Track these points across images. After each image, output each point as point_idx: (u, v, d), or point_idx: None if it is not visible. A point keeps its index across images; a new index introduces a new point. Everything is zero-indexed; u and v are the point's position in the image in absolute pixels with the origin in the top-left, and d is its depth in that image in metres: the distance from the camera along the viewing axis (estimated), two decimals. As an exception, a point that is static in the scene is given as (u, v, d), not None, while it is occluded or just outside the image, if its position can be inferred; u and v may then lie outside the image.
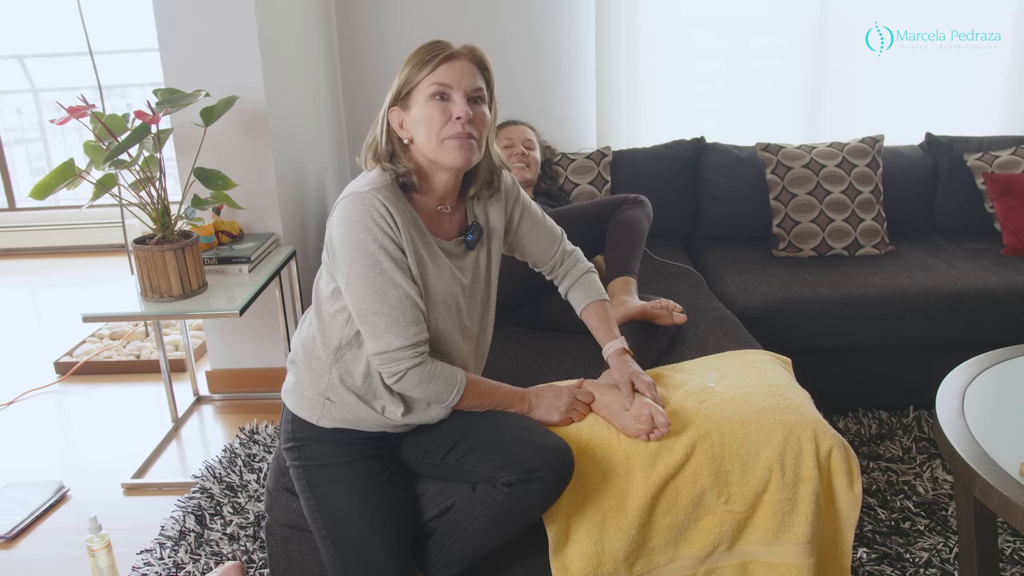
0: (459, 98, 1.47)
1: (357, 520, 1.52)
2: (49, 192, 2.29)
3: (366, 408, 1.55)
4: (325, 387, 1.56)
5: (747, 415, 1.64)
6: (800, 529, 1.58)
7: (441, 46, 1.49)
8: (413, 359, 1.47)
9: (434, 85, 1.46)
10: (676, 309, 2.03)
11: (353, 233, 1.44)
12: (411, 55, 1.50)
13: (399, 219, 1.46)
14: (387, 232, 1.44)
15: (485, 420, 1.58)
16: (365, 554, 1.52)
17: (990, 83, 3.32)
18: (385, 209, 1.44)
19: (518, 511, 1.49)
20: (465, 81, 1.48)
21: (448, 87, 1.47)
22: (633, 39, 3.30)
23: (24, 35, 5.14)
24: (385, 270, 1.44)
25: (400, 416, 1.56)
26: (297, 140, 3.02)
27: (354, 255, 1.44)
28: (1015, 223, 2.85)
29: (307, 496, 1.58)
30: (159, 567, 2.06)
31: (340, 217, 1.46)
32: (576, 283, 1.80)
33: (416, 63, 1.48)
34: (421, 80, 1.47)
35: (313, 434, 1.59)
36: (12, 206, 5.14)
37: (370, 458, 1.57)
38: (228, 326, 3.00)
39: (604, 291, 1.82)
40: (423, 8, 3.36)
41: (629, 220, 2.24)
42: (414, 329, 1.47)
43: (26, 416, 2.99)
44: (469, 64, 1.49)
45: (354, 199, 1.45)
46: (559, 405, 1.63)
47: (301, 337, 1.62)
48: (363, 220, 1.43)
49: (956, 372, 1.78)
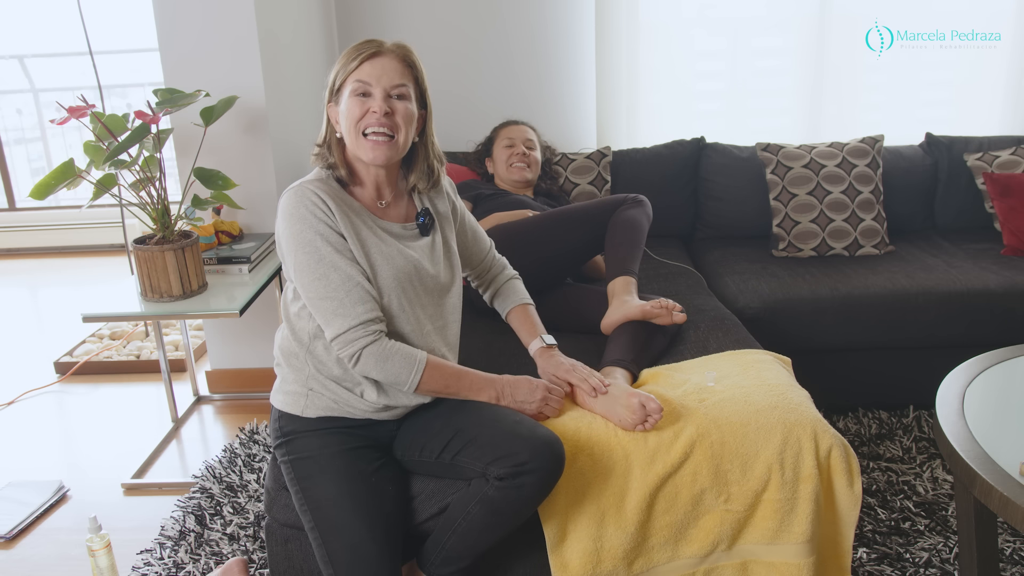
0: (378, 94, 1.54)
1: (342, 508, 1.52)
2: (49, 192, 2.29)
3: (347, 393, 1.59)
4: (307, 378, 1.60)
5: (747, 414, 1.64)
6: (800, 529, 1.58)
7: (368, 45, 1.56)
8: (365, 337, 1.50)
9: (356, 82, 1.54)
10: (676, 309, 2.03)
11: (290, 225, 1.52)
12: (343, 53, 1.58)
13: (333, 205, 1.53)
14: (321, 219, 1.51)
15: (476, 416, 1.59)
16: (351, 542, 1.51)
17: (990, 83, 3.32)
18: (318, 197, 1.52)
19: (510, 505, 1.49)
20: (386, 78, 1.54)
21: (368, 84, 1.54)
22: (633, 39, 3.30)
23: (24, 35, 5.14)
24: (324, 255, 1.50)
25: (376, 397, 1.58)
26: (297, 140, 3.02)
27: (294, 246, 1.52)
28: (1015, 223, 2.85)
29: (296, 489, 1.59)
30: (159, 567, 2.06)
31: (280, 213, 1.55)
32: (500, 289, 1.90)
33: (344, 60, 1.56)
34: (347, 77, 1.55)
35: (300, 426, 1.61)
36: (12, 206, 5.14)
37: (358, 449, 1.59)
38: (228, 326, 3.00)
39: (528, 296, 1.90)
40: (423, 8, 3.36)
41: (629, 220, 2.24)
42: (360, 308, 1.51)
43: (26, 416, 3.00)
44: (394, 62, 1.56)
45: (289, 194, 1.54)
46: (533, 399, 1.63)
47: (278, 342, 1.67)
48: (298, 211, 1.51)
49: (956, 372, 1.78)
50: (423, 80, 1.62)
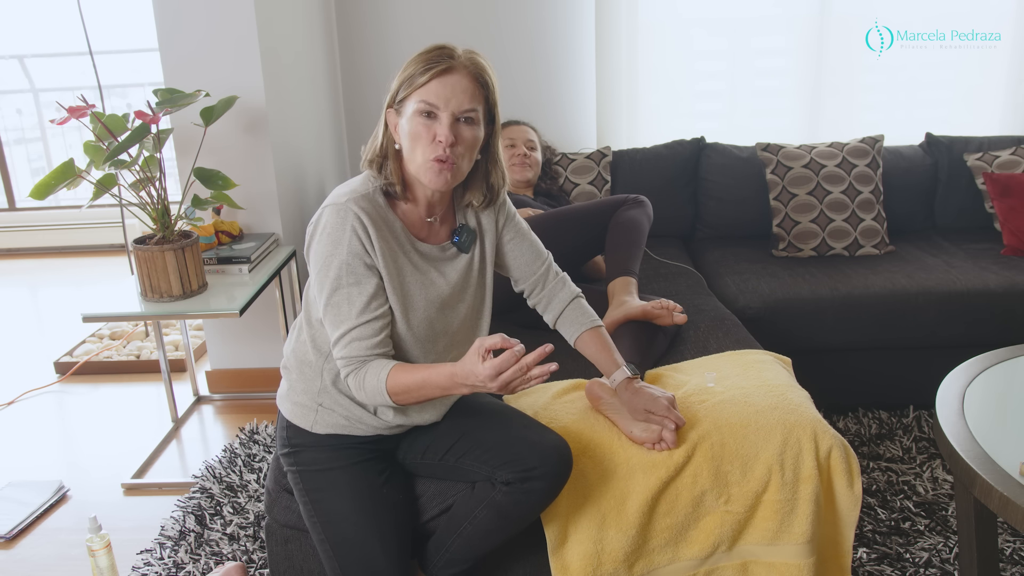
0: (445, 119, 1.41)
1: (355, 524, 1.52)
2: (49, 192, 2.29)
3: (360, 410, 1.54)
4: (318, 392, 1.56)
5: (747, 415, 1.64)
6: (800, 529, 1.58)
7: (439, 58, 1.42)
8: (347, 367, 1.45)
9: (422, 103, 1.42)
10: (676, 309, 2.03)
11: (323, 244, 1.43)
12: (412, 59, 1.45)
13: (374, 232, 1.43)
14: (356, 250, 1.42)
15: (483, 420, 1.58)
16: (364, 557, 1.51)
17: (990, 83, 3.32)
18: (359, 223, 1.42)
19: (517, 509, 1.49)
20: (455, 101, 1.41)
21: (436, 107, 1.41)
22: (633, 39, 3.30)
23: (24, 35, 5.14)
24: (342, 285, 1.43)
25: (393, 417, 1.54)
26: (297, 140, 3.02)
27: (321, 264, 1.44)
28: (1015, 223, 2.85)
29: (304, 500, 1.58)
30: (159, 567, 2.06)
31: (317, 225, 1.45)
32: (565, 309, 1.71)
33: (412, 72, 1.43)
34: (413, 92, 1.43)
35: (308, 440, 1.58)
36: (12, 206, 5.13)
37: (367, 461, 1.57)
38: (228, 326, 3.00)
39: (598, 318, 1.73)
40: (423, 8, 3.36)
41: (629, 220, 2.24)
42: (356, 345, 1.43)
43: (26, 416, 2.99)
44: (465, 79, 1.42)
45: (334, 210, 1.44)
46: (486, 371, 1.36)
47: (292, 343, 1.62)
48: (335, 233, 1.42)
49: (956, 372, 1.78)
50: (494, 97, 1.49)
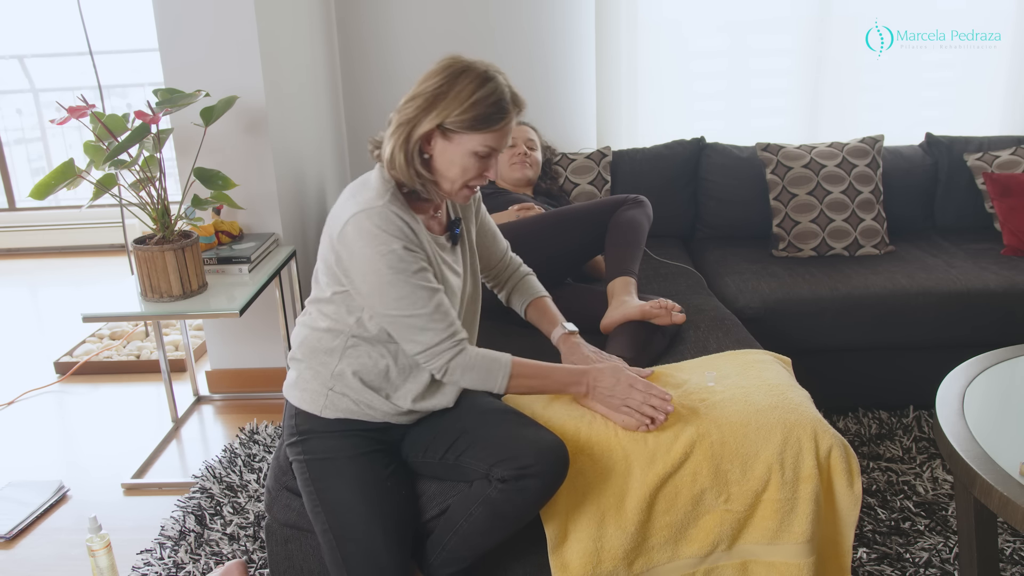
0: (494, 156, 1.54)
1: (359, 513, 1.53)
2: (49, 192, 2.29)
3: (371, 393, 1.57)
4: (330, 377, 1.58)
5: (747, 414, 1.64)
6: (800, 528, 1.58)
7: (504, 109, 1.49)
8: (451, 350, 1.51)
9: (485, 147, 1.50)
10: (675, 309, 2.03)
11: (375, 246, 1.46)
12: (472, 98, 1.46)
13: (412, 228, 1.51)
14: (407, 239, 1.48)
15: (481, 417, 1.59)
16: (367, 548, 1.52)
17: (990, 83, 3.32)
18: (401, 220, 1.49)
19: (512, 508, 1.49)
20: (505, 142, 1.54)
21: (495, 150, 1.53)
22: (633, 39, 3.30)
23: (24, 35, 5.14)
24: (411, 274, 1.48)
25: (410, 403, 1.58)
26: (297, 140, 3.02)
27: (379, 265, 1.46)
28: (1015, 223, 2.85)
29: (309, 490, 1.58)
30: (159, 567, 2.06)
31: (357, 232, 1.47)
32: (517, 286, 1.88)
33: (474, 117, 1.47)
34: (472, 134, 1.48)
35: (317, 426, 1.59)
36: (12, 206, 5.14)
37: (374, 452, 1.58)
38: (228, 326, 3.00)
39: (544, 290, 1.89)
40: (423, 8, 3.36)
41: (629, 220, 2.24)
42: (444, 323, 1.51)
43: (26, 416, 3.00)
44: (513, 121, 1.55)
45: (370, 214, 1.47)
46: (616, 391, 1.60)
47: (303, 333, 1.63)
48: (383, 233, 1.46)
49: (956, 372, 1.78)
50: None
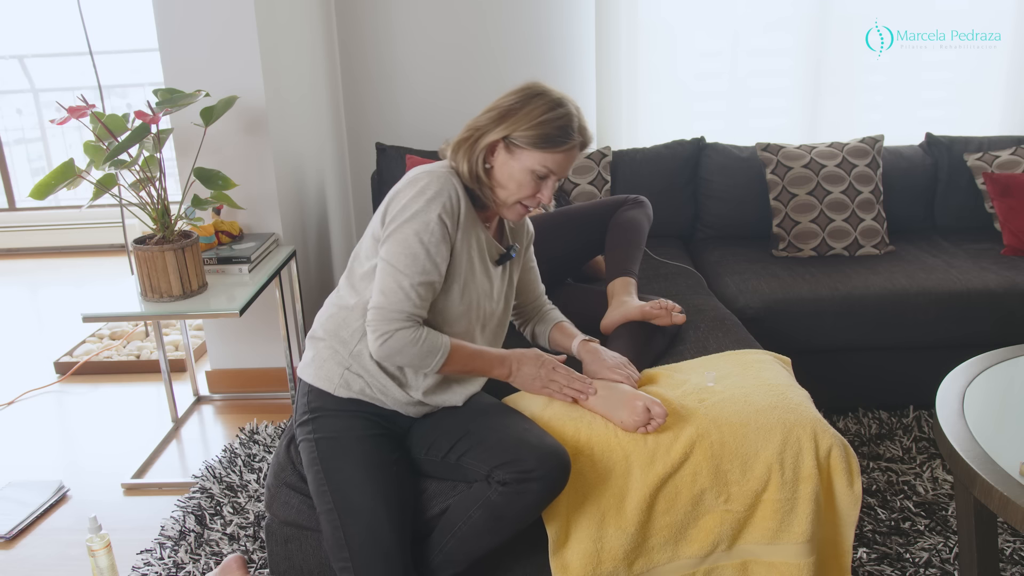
0: (552, 182, 1.59)
1: (365, 491, 1.53)
2: (49, 192, 2.29)
3: (385, 377, 1.59)
4: (348, 356, 1.60)
5: (746, 414, 1.64)
6: (800, 528, 1.58)
7: (568, 135, 1.55)
8: (404, 323, 1.52)
9: (543, 167, 1.56)
10: (675, 309, 2.03)
11: (417, 198, 1.52)
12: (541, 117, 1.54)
13: (463, 208, 1.57)
14: (449, 212, 1.53)
15: (485, 419, 1.59)
16: (371, 527, 1.52)
17: (990, 83, 3.32)
18: (456, 194, 1.55)
19: (511, 510, 1.49)
20: (563, 170, 1.59)
21: (552, 172, 1.57)
22: (633, 39, 3.30)
23: (24, 35, 5.14)
24: (430, 242, 1.51)
25: (420, 394, 1.60)
26: (297, 140, 3.02)
27: (411, 216, 1.52)
28: (1015, 223, 2.85)
29: (316, 469, 1.58)
30: (159, 567, 2.06)
31: (412, 183, 1.54)
32: (540, 318, 1.93)
33: (539, 135, 1.54)
34: (534, 151, 1.55)
35: (329, 404, 1.61)
36: (12, 206, 5.14)
37: (382, 436, 1.59)
38: (228, 326, 3.00)
39: (562, 315, 1.93)
40: (423, 8, 3.36)
41: (629, 221, 2.24)
42: (419, 302, 1.53)
43: (26, 416, 2.99)
44: (576, 152, 1.60)
45: (433, 174, 1.55)
46: (539, 374, 1.64)
47: (328, 311, 1.66)
48: (434, 194, 1.52)
49: (956, 372, 1.78)
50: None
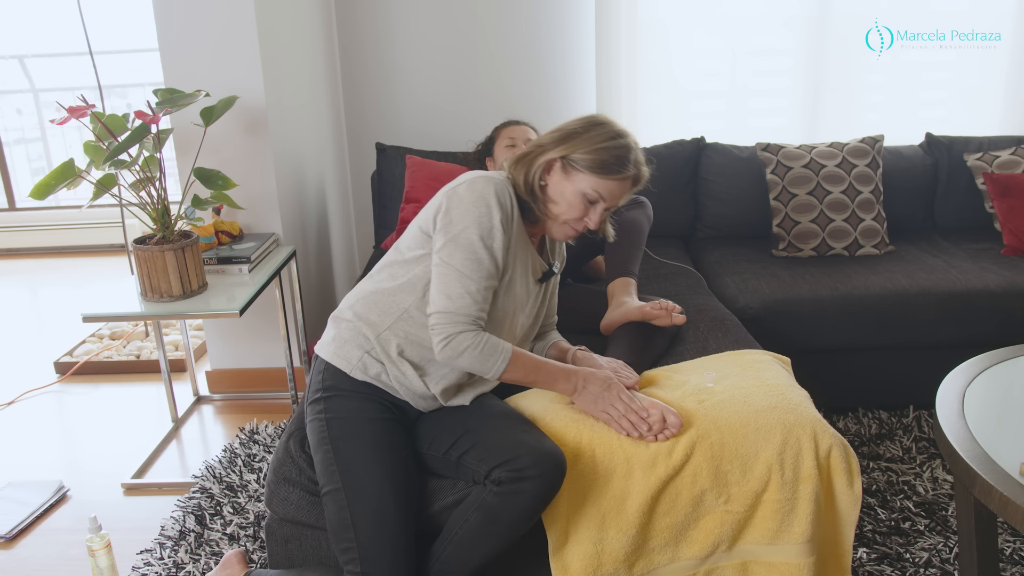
0: (601, 208, 1.62)
1: (373, 472, 1.53)
2: (49, 192, 2.29)
3: (409, 367, 1.60)
4: (372, 339, 1.61)
5: (746, 415, 1.64)
6: (800, 529, 1.58)
7: (624, 164, 1.60)
8: (469, 326, 1.54)
9: (595, 192, 1.60)
10: (675, 310, 2.02)
11: (479, 202, 1.56)
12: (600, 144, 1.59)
13: (516, 219, 1.61)
14: (506, 217, 1.58)
15: (486, 420, 1.59)
16: (377, 507, 1.52)
17: (990, 83, 3.32)
18: (510, 201, 1.60)
19: (506, 512, 1.49)
20: (614, 199, 1.63)
21: (603, 198, 1.61)
22: (633, 39, 3.30)
23: (24, 35, 5.14)
24: (491, 246, 1.55)
25: (439, 390, 1.61)
26: (297, 140, 3.02)
27: (475, 221, 1.55)
28: (1015, 223, 2.85)
29: (326, 448, 1.58)
30: (159, 567, 2.06)
31: (471, 188, 1.57)
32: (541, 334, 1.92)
33: (596, 160, 1.59)
34: (590, 175, 1.59)
35: (343, 384, 1.61)
36: (12, 206, 5.14)
37: (392, 421, 1.60)
38: (228, 326, 3.00)
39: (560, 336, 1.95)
40: (423, 8, 3.36)
41: (629, 221, 2.24)
42: (483, 304, 1.56)
43: (26, 416, 3.00)
44: (630, 183, 1.63)
45: (493, 180, 1.59)
46: (603, 396, 1.61)
47: (361, 292, 1.67)
48: (496, 201, 1.56)
49: (956, 372, 1.78)
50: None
